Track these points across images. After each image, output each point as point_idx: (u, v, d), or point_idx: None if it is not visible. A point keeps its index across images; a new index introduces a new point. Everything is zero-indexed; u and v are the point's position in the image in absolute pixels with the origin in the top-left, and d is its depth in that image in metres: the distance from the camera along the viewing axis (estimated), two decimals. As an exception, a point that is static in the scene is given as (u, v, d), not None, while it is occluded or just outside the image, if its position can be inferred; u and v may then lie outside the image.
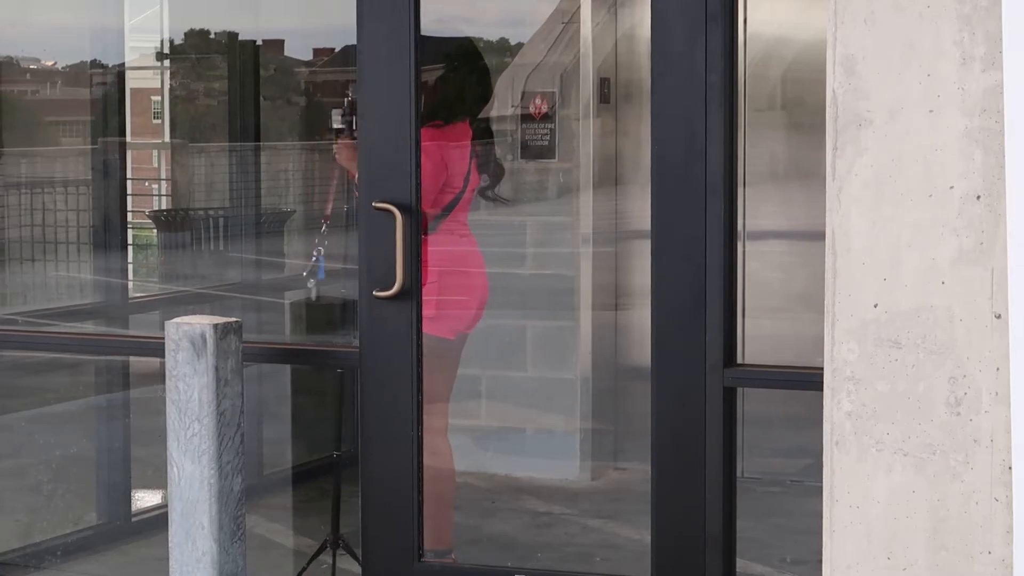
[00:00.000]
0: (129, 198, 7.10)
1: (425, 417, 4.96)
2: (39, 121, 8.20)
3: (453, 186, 5.58)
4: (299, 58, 8.42)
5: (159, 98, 8.76)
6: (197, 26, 8.03)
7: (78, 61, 7.43)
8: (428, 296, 5.30)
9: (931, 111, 3.37)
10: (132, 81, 7.44)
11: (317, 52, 8.20)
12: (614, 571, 5.96)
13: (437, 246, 5.52)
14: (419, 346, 4.81)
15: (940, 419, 3.39)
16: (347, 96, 5.27)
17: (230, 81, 7.59)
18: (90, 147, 6.93)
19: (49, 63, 8.10)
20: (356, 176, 4.89)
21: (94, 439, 6.53)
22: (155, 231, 8.46)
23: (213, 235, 8.06)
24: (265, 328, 7.35)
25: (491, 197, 6.16)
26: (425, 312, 5.13)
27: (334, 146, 5.48)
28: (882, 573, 3.45)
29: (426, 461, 4.93)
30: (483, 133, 5.86)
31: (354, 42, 4.83)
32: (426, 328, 5.14)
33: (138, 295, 7.75)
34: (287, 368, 6.77)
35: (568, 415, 7.19)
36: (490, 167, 6.04)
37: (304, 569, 5.65)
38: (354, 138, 4.96)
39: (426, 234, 5.19)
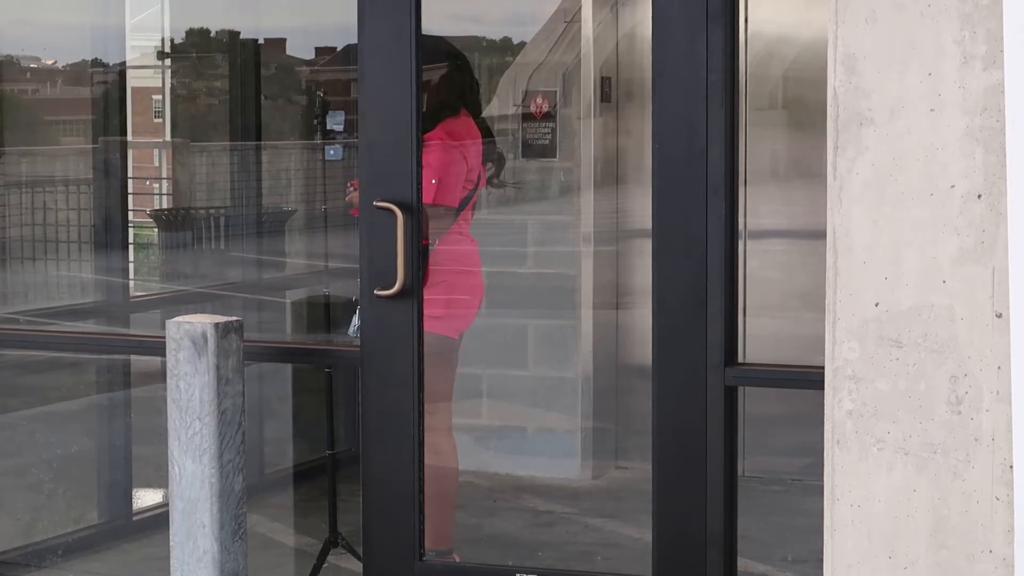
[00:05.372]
0: (130, 197, 7.10)
1: (430, 416, 4.96)
2: (40, 120, 8.20)
3: (471, 179, 5.60)
4: (301, 57, 8.42)
5: (160, 97, 8.75)
6: (198, 25, 8.03)
7: (79, 60, 7.43)
8: (438, 295, 5.31)
9: (932, 110, 3.37)
10: (133, 80, 7.43)
11: (319, 51, 8.20)
12: (615, 570, 5.96)
13: (449, 244, 5.53)
14: (420, 345, 4.81)
15: (941, 418, 3.39)
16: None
17: (231, 80, 7.59)
18: (91, 146, 6.93)
19: (50, 62, 8.10)
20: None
21: (95, 438, 6.53)
22: (156, 230, 8.46)
23: (214, 234, 8.06)
24: (266, 327, 7.35)
25: (498, 184, 6.18)
26: (434, 311, 5.14)
27: (348, 190, 5.50)
28: (883, 572, 3.45)
29: (430, 460, 4.94)
30: (483, 130, 5.88)
31: (356, 41, 4.83)
32: (435, 328, 5.15)
33: (139, 294, 7.75)
34: (288, 367, 6.77)
35: (569, 414, 7.19)
36: (492, 156, 6.07)
37: (316, 572, 5.67)
38: None
39: (427, 235, 5.20)
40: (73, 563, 5.95)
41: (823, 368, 3.51)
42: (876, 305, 3.43)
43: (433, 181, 5.34)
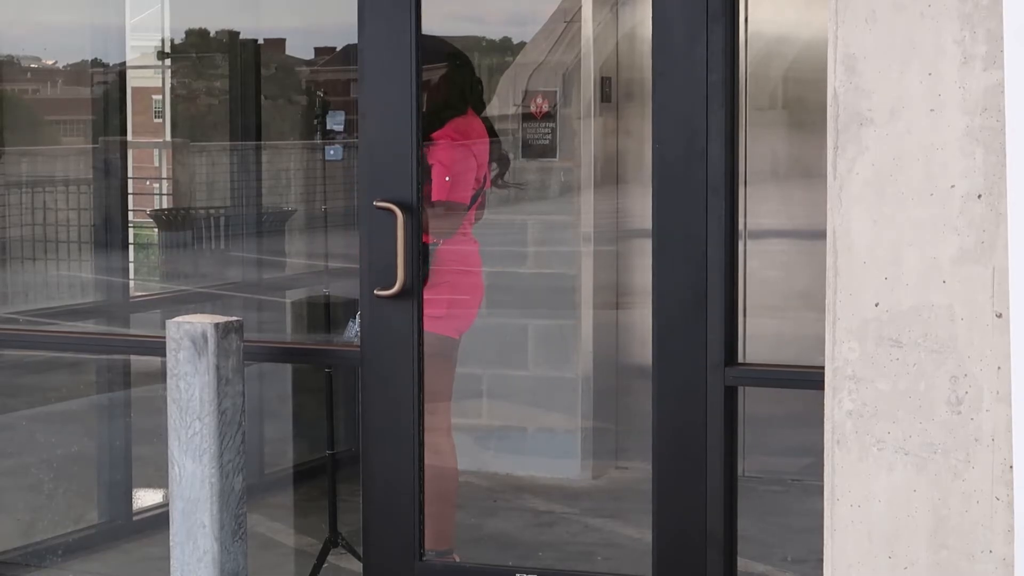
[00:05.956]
0: (130, 197, 7.10)
1: (429, 416, 4.96)
2: (40, 120, 8.19)
3: (478, 178, 5.62)
4: (301, 57, 8.42)
5: (160, 97, 8.76)
6: (198, 25, 8.03)
7: (79, 60, 7.43)
8: (440, 295, 5.31)
9: (932, 110, 3.37)
10: (133, 80, 7.43)
11: (319, 51, 8.20)
12: (615, 570, 5.96)
13: (451, 244, 5.53)
14: (420, 345, 4.81)
15: (941, 418, 3.39)
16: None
17: (231, 80, 7.59)
18: (91, 146, 6.93)
19: (50, 62, 8.10)
20: None
21: (95, 438, 6.53)
22: (156, 230, 8.46)
23: (214, 234, 8.06)
24: (266, 327, 7.35)
25: (502, 185, 6.19)
26: (436, 311, 5.14)
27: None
28: (883, 572, 3.45)
29: (429, 460, 4.94)
30: (489, 129, 5.89)
31: (356, 41, 4.83)
32: (435, 328, 5.15)
33: (139, 294, 7.75)
34: (288, 367, 6.77)
35: (569, 414, 7.19)
36: (497, 157, 6.08)
37: (316, 572, 5.67)
38: None
39: (427, 233, 5.20)
40: (73, 563, 5.95)
41: (823, 368, 3.51)
42: (876, 305, 3.43)
43: (447, 178, 5.35)
